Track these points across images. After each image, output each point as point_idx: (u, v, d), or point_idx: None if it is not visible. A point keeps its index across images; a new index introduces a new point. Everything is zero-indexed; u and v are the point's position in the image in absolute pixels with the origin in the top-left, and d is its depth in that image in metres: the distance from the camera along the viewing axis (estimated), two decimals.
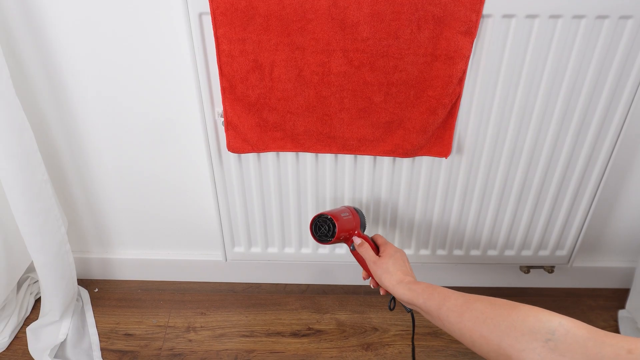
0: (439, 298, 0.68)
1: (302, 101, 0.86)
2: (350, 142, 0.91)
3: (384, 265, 0.80)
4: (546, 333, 0.52)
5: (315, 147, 0.92)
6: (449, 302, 0.66)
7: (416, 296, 0.71)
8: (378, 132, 0.89)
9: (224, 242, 1.09)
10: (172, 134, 1.04)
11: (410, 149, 0.91)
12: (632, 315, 1.15)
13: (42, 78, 0.97)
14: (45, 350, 1.07)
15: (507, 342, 0.55)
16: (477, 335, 0.59)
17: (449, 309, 0.65)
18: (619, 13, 0.78)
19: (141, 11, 0.89)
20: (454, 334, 0.64)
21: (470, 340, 0.61)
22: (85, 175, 1.11)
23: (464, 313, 0.62)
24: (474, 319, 0.61)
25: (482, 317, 0.60)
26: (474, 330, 0.60)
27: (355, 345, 1.14)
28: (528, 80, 0.85)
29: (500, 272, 1.25)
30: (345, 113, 0.88)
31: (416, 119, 0.87)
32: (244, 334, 1.17)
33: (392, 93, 0.85)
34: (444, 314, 0.65)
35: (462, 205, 1.02)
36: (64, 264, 1.08)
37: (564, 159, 0.95)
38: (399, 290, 0.75)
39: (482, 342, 0.59)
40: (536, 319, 0.54)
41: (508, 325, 0.56)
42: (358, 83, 0.84)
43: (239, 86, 0.85)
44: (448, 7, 0.76)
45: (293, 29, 0.79)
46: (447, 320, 0.64)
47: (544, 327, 0.52)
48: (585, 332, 0.50)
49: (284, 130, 0.90)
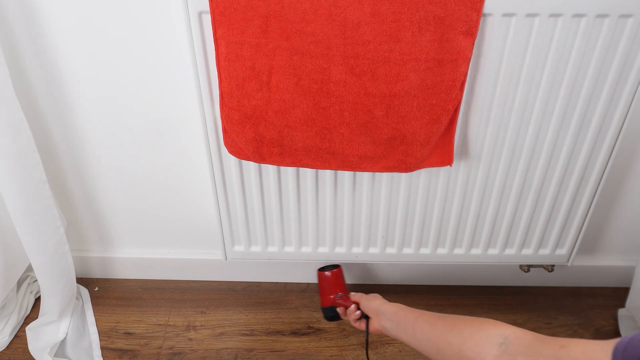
0: (417, 313, 0.80)
1: (301, 113, 0.83)
2: (350, 158, 0.88)
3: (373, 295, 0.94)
4: (500, 337, 0.62)
5: (314, 164, 0.90)
6: (425, 316, 0.77)
7: (399, 310, 0.84)
8: (380, 149, 0.86)
9: (224, 241, 1.09)
10: (172, 133, 1.04)
11: (413, 162, 0.88)
12: (632, 314, 1.15)
13: (42, 77, 0.97)
14: (45, 349, 1.08)
15: (467, 346, 0.65)
16: (443, 341, 0.69)
17: (424, 320, 0.76)
18: (619, 12, 0.78)
19: (141, 10, 0.89)
20: (422, 343, 0.74)
21: (437, 347, 0.71)
22: (86, 175, 1.11)
23: (436, 323, 0.73)
24: (443, 328, 0.71)
25: (450, 326, 0.71)
26: (441, 337, 0.70)
27: (355, 344, 1.14)
28: (528, 79, 0.85)
29: (500, 271, 1.25)
30: (345, 127, 0.84)
31: (420, 132, 0.84)
32: (244, 333, 1.17)
33: (395, 106, 0.82)
34: (419, 324, 0.76)
35: (462, 204, 1.02)
36: (63, 264, 1.07)
37: (564, 158, 0.95)
38: (386, 306, 0.87)
39: (446, 347, 0.69)
40: (494, 327, 0.65)
41: (470, 333, 0.66)
42: (359, 94, 0.81)
43: (236, 94, 0.82)
44: (449, 6, 0.75)
45: (292, 31, 0.77)
46: (420, 330, 0.75)
47: (498, 334, 0.63)
48: (531, 337, 0.60)
49: (281, 146, 0.87)
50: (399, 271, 1.26)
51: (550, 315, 1.20)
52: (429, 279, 1.28)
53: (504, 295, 1.26)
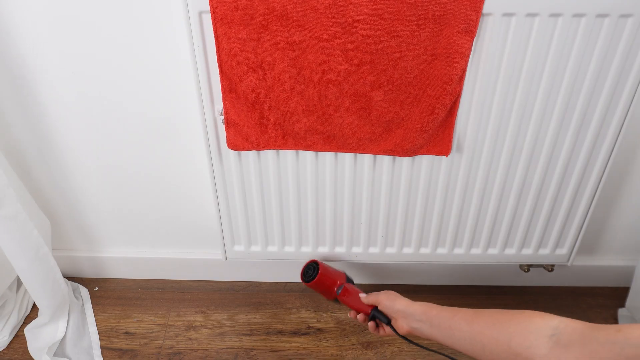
0: (450, 310, 0.75)
1: (302, 100, 0.86)
2: (350, 140, 0.91)
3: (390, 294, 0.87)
4: (550, 329, 0.59)
5: (316, 146, 0.92)
6: (460, 313, 0.72)
7: (430, 309, 0.78)
8: (378, 131, 0.90)
9: (224, 241, 1.09)
10: (172, 132, 1.04)
11: (410, 148, 0.91)
12: (632, 313, 1.15)
13: (37, 76, 0.97)
14: (44, 349, 1.08)
15: (515, 341, 0.61)
16: (488, 339, 0.65)
17: (461, 318, 0.71)
18: (619, 12, 0.78)
19: (141, 10, 0.89)
20: (463, 342, 0.69)
21: (481, 345, 0.66)
22: (85, 174, 1.11)
23: (474, 320, 0.69)
24: (483, 324, 0.67)
25: (491, 321, 0.66)
26: (484, 334, 0.66)
27: (355, 343, 1.14)
28: (528, 78, 0.85)
29: (500, 271, 1.25)
30: (345, 112, 0.88)
31: (416, 118, 0.87)
32: (244, 333, 1.17)
33: (392, 92, 0.85)
34: (455, 322, 0.71)
35: (462, 204, 1.02)
36: (45, 267, 1.06)
37: (564, 158, 0.95)
38: (414, 306, 0.81)
39: (492, 344, 0.64)
40: (541, 318, 0.61)
41: (516, 327, 0.62)
42: (358, 82, 0.84)
43: (239, 84, 0.85)
44: (448, 6, 0.76)
45: (293, 27, 0.79)
46: (457, 328, 0.70)
47: (548, 325, 0.59)
48: (581, 325, 0.57)
49: (284, 129, 0.90)
50: (399, 271, 1.26)
51: None
52: (429, 278, 1.28)
53: (503, 295, 1.26)
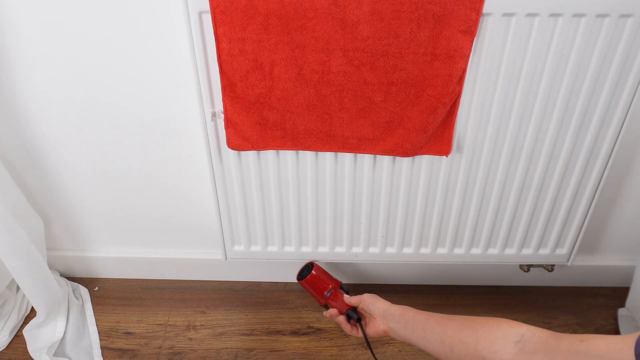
0: (425, 314, 0.79)
1: (302, 100, 0.86)
2: (350, 140, 0.91)
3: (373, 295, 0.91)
4: (517, 336, 0.61)
5: (316, 146, 0.92)
6: (434, 317, 0.76)
7: (407, 311, 0.82)
8: (378, 131, 0.90)
9: (224, 241, 1.09)
10: (172, 132, 1.04)
11: (410, 148, 0.91)
12: (632, 313, 1.15)
13: (34, 76, 0.97)
14: (43, 349, 1.08)
15: (482, 345, 0.64)
16: (457, 341, 0.68)
17: (434, 321, 0.75)
18: (619, 11, 0.78)
19: (140, 10, 0.89)
20: (434, 344, 0.73)
21: (449, 347, 0.69)
22: (85, 174, 1.11)
23: (446, 323, 0.73)
24: (454, 328, 0.70)
25: (462, 326, 0.70)
26: (454, 337, 0.69)
27: (355, 343, 1.14)
28: (528, 78, 0.85)
29: (500, 271, 1.25)
30: (345, 112, 0.88)
31: (416, 118, 0.87)
32: (244, 333, 1.17)
33: (392, 92, 0.85)
34: (429, 325, 0.75)
35: (462, 204, 1.02)
36: (35, 266, 1.07)
37: (564, 158, 0.95)
38: (393, 308, 0.85)
39: (460, 347, 0.68)
40: (508, 325, 0.64)
41: (484, 332, 0.65)
42: (358, 82, 0.84)
43: (239, 85, 0.85)
44: (448, 6, 0.76)
45: (293, 27, 0.79)
46: (430, 330, 0.74)
47: (514, 332, 0.62)
48: (547, 334, 0.59)
49: (284, 129, 0.90)
50: (399, 271, 1.27)
51: (550, 315, 1.20)
52: (429, 278, 1.28)
53: (504, 295, 1.26)
